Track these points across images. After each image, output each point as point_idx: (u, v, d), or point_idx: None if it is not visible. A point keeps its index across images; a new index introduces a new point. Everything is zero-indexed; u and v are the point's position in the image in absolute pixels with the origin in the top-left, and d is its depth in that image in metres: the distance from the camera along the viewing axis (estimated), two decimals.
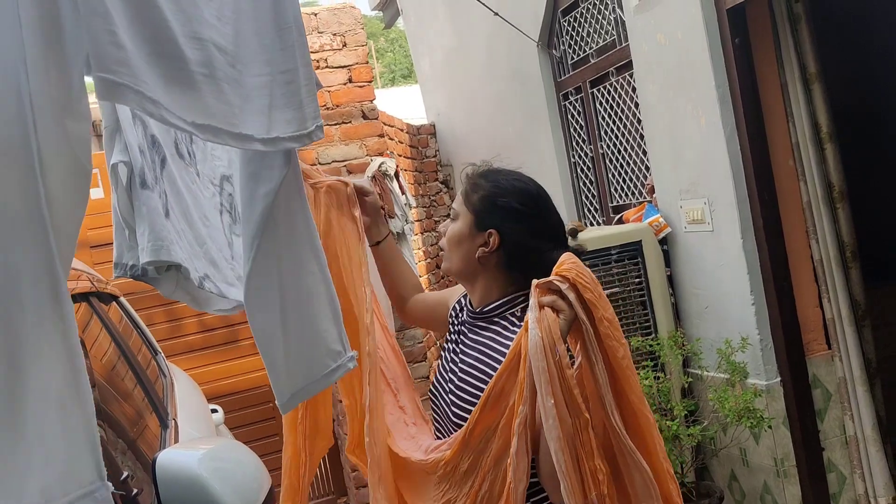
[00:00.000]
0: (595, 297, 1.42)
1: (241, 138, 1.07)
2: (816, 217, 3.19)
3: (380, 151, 4.64)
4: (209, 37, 1.04)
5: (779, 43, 3.16)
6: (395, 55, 31.71)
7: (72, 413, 0.82)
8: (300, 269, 1.29)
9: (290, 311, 1.27)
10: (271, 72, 1.14)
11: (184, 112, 0.97)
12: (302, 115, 1.18)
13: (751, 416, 2.99)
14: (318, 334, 1.33)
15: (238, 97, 1.08)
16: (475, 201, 1.66)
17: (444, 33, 6.42)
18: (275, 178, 1.20)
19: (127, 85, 0.90)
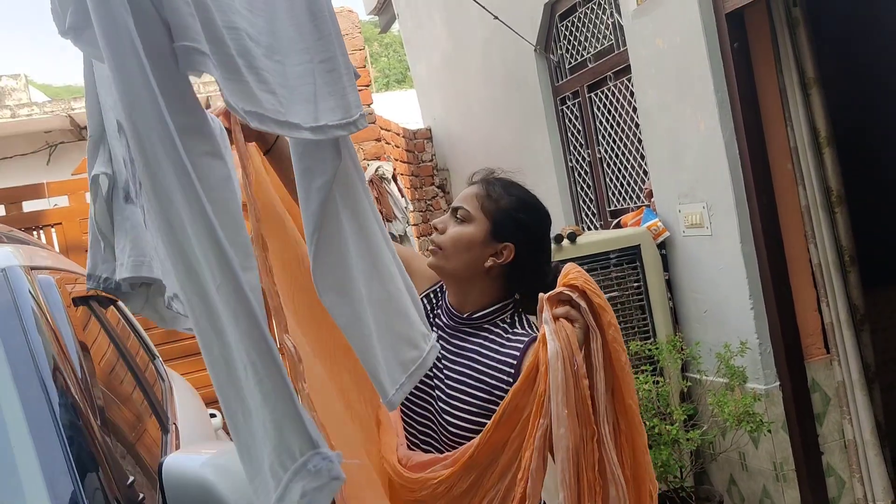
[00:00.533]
0: (604, 303, 1.44)
1: (289, 126, 1.06)
2: (815, 221, 3.20)
3: (377, 155, 4.64)
4: (242, 27, 1.03)
5: (777, 47, 3.17)
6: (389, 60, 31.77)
7: (273, 395, 0.85)
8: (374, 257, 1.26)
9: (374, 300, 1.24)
10: (311, 60, 1.13)
11: (235, 98, 0.96)
12: (346, 103, 1.16)
13: (750, 421, 2.99)
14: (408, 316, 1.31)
15: (281, 86, 1.07)
16: (495, 211, 1.62)
17: (441, 38, 6.43)
18: (327, 170, 1.18)
19: (208, 55, 0.90)
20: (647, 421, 3.13)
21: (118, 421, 1.73)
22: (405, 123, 6.74)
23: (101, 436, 1.39)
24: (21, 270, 1.54)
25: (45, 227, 4.06)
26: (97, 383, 1.68)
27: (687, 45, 3.22)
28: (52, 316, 1.55)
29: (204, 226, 0.84)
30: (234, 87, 0.96)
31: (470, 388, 1.59)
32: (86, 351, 1.71)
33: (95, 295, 2.27)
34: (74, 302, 1.92)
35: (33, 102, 9.11)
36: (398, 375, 1.27)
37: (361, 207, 1.25)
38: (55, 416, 1.26)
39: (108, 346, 2.13)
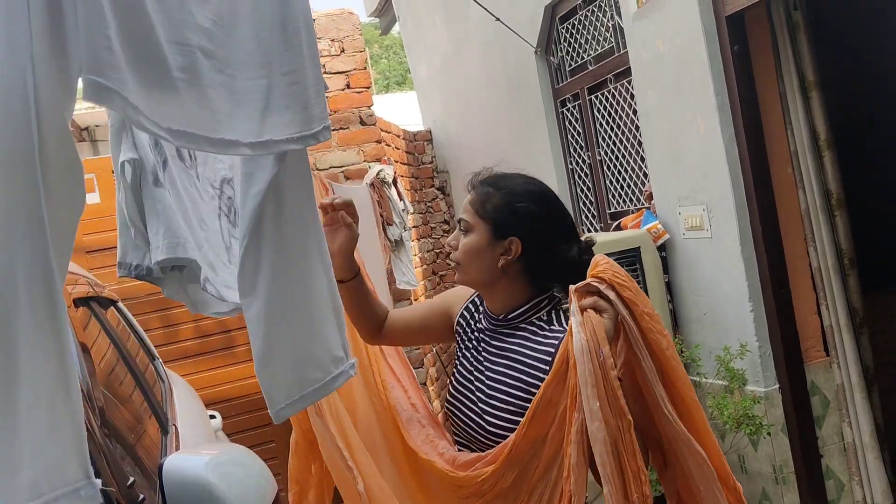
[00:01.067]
0: (633, 294, 1.42)
1: (223, 144, 1.06)
2: (815, 224, 3.20)
3: (377, 157, 4.65)
4: (197, 42, 1.03)
5: (777, 51, 3.17)
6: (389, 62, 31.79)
7: (60, 412, 0.83)
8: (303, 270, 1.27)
9: (287, 310, 1.25)
10: (269, 74, 1.13)
11: (161, 118, 0.96)
12: (307, 116, 1.17)
13: (749, 423, 2.99)
14: (322, 338, 1.31)
15: (225, 102, 1.07)
16: (489, 210, 1.63)
17: (441, 40, 6.43)
18: (265, 178, 1.19)
19: (115, 90, 0.90)
20: None
21: (118, 422, 1.73)
22: (405, 125, 6.74)
23: (101, 436, 1.39)
24: None
25: None
26: (97, 384, 1.68)
27: (687, 48, 3.22)
28: None
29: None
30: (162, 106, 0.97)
31: (509, 386, 1.60)
32: (86, 352, 1.71)
33: (96, 296, 2.27)
34: (75, 303, 1.92)
35: None
36: (294, 391, 1.27)
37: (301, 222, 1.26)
38: None
39: (108, 347, 2.13)
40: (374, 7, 8.35)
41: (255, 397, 4.34)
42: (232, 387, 4.32)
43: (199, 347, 4.26)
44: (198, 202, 1.67)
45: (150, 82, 0.95)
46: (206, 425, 2.80)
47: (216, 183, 1.75)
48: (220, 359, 4.32)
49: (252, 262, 1.22)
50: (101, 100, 0.89)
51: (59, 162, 0.87)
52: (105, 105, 0.91)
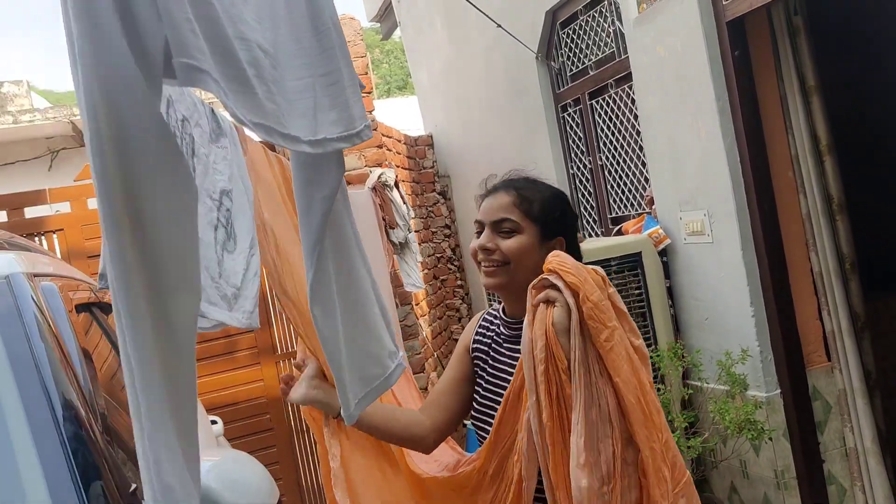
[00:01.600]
0: (577, 281, 1.42)
1: (291, 139, 1.07)
2: (816, 229, 3.20)
3: (378, 162, 4.65)
4: (253, 38, 1.04)
5: (778, 55, 3.18)
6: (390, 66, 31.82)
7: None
8: (352, 271, 1.29)
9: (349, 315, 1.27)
10: (312, 74, 1.14)
11: (244, 110, 0.97)
12: (349, 115, 1.17)
13: (751, 428, 2.99)
14: (377, 335, 1.34)
15: (284, 99, 1.08)
16: (538, 211, 1.67)
17: (442, 45, 6.44)
18: (332, 181, 1.20)
19: (207, 72, 0.90)
20: None
21: (120, 427, 1.73)
22: (406, 130, 6.75)
23: (103, 442, 1.40)
24: (24, 277, 1.55)
25: (46, 234, 4.06)
26: (99, 389, 1.68)
27: (688, 53, 3.23)
28: (55, 322, 1.56)
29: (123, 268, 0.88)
30: (243, 98, 0.97)
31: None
32: (88, 357, 1.71)
33: (97, 301, 2.27)
34: (77, 308, 1.92)
35: (35, 108, 9.13)
36: (359, 390, 1.30)
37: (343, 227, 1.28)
38: (58, 423, 1.26)
39: (109, 353, 2.13)
40: (376, 12, 8.37)
41: (256, 402, 4.35)
42: (233, 392, 4.32)
43: (200, 352, 4.26)
44: None
45: (229, 75, 0.96)
46: (207, 430, 2.80)
47: (215, 194, 1.75)
48: (221, 364, 4.32)
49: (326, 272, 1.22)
50: (195, 81, 0.90)
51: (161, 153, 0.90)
52: (200, 86, 0.91)
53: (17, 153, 9.01)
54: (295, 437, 4.47)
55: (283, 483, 4.30)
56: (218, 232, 1.70)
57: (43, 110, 8.87)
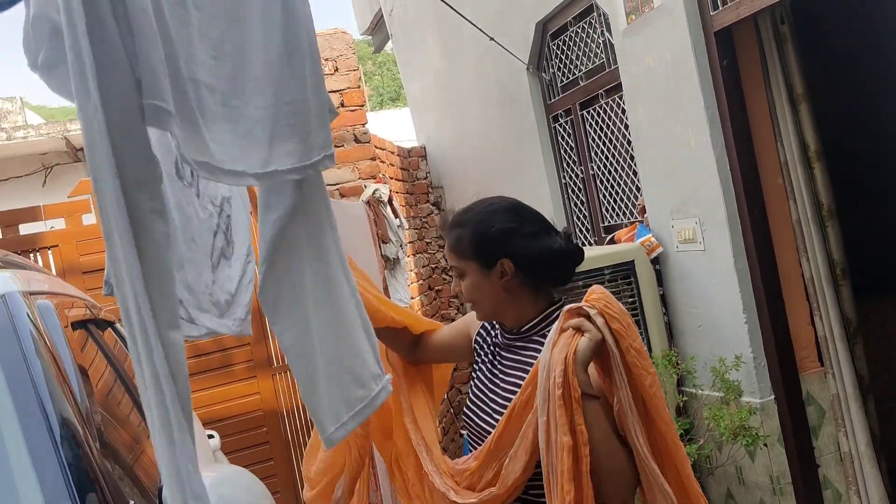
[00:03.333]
0: (623, 328, 1.45)
1: (234, 175, 1.08)
2: (806, 235, 3.22)
3: (372, 175, 4.67)
4: (201, 78, 1.06)
5: (766, 64, 3.21)
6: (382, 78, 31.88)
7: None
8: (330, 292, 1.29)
9: (328, 333, 1.27)
10: (276, 103, 1.15)
11: (191, 149, 0.99)
12: (307, 146, 1.18)
13: (746, 434, 3.00)
14: (361, 356, 1.33)
15: (233, 134, 1.09)
16: (468, 249, 1.70)
17: (434, 57, 6.48)
18: (284, 205, 1.22)
19: (174, 115, 0.92)
20: None
21: (117, 443, 1.74)
22: (399, 141, 6.77)
23: (100, 458, 1.41)
24: (20, 296, 1.56)
25: (41, 250, 4.07)
26: (96, 405, 1.69)
27: (677, 63, 3.26)
28: (51, 340, 1.57)
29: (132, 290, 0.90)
30: (190, 138, 1.00)
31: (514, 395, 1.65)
32: (84, 374, 1.72)
33: (93, 318, 2.28)
34: (73, 325, 1.93)
35: (29, 125, 9.14)
36: (342, 413, 1.29)
37: (323, 243, 1.28)
38: (54, 440, 1.27)
39: (105, 369, 2.14)
40: (367, 25, 8.41)
41: (252, 415, 4.35)
42: (230, 405, 4.32)
43: (197, 366, 4.27)
44: (192, 221, 1.68)
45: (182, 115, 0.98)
46: (205, 445, 2.80)
47: (217, 200, 1.76)
48: (218, 377, 4.32)
49: (274, 289, 1.24)
50: (161, 124, 0.92)
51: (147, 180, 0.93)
52: (165, 128, 0.93)
53: (11, 170, 9.01)
54: (292, 450, 4.47)
55: (280, 496, 4.30)
56: (217, 238, 1.71)
57: (36, 126, 8.88)
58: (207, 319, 1.61)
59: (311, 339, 1.25)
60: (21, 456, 1.23)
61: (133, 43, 0.90)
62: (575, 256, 1.70)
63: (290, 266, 1.24)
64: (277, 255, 1.23)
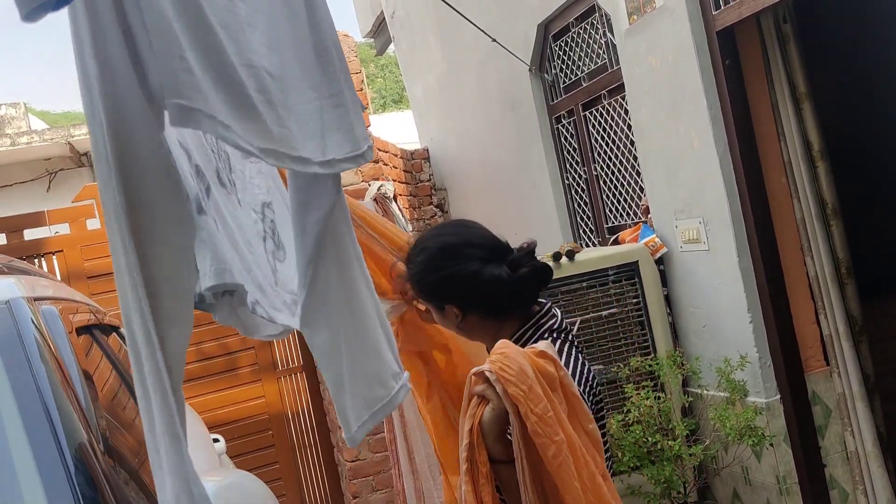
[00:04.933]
0: (522, 392, 1.30)
1: (301, 161, 1.08)
2: (811, 234, 3.22)
3: (375, 177, 4.67)
4: (260, 63, 1.06)
5: (768, 63, 3.20)
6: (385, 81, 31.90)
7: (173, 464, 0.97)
8: (353, 292, 1.30)
9: (351, 335, 1.28)
10: (318, 97, 1.16)
11: (250, 137, 0.98)
12: (354, 137, 1.19)
13: (752, 434, 2.99)
14: (381, 354, 1.34)
15: (293, 122, 1.09)
16: (422, 294, 1.73)
17: (436, 59, 6.48)
18: (325, 205, 1.21)
19: (201, 110, 0.92)
20: (650, 437, 3.14)
21: (122, 448, 1.74)
22: (402, 144, 6.78)
23: (104, 463, 1.41)
24: (24, 302, 1.56)
25: (46, 255, 4.08)
26: (100, 411, 1.69)
27: (679, 63, 3.26)
28: (56, 345, 1.57)
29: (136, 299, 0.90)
30: (250, 126, 0.99)
31: None
32: (89, 379, 1.72)
33: (98, 323, 2.28)
34: (77, 331, 1.93)
35: (33, 130, 9.16)
36: (363, 412, 1.30)
37: (344, 246, 1.29)
38: (59, 445, 1.27)
39: (110, 374, 2.14)
40: (369, 29, 8.42)
41: (258, 419, 4.35)
42: (235, 409, 4.33)
43: (202, 370, 4.27)
44: (243, 226, 1.68)
45: (234, 102, 0.97)
46: (210, 450, 2.81)
47: (257, 207, 1.76)
48: (223, 381, 4.33)
49: (320, 290, 1.24)
50: (188, 122, 0.92)
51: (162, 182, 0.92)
52: (193, 127, 0.93)
53: (16, 175, 9.03)
54: (297, 454, 4.47)
55: (285, 500, 4.30)
56: (267, 242, 1.72)
57: (40, 132, 8.90)
58: (285, 318, 1.61)
59: (339, 340, 1.26)
60: (26, 462, 1.23)
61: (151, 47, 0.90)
62: (525, 282, 1.60)
63: (320, 267, 1.24)
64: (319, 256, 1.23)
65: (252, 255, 1.64)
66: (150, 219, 0.92)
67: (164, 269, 0.93)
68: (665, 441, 3.12)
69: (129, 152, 0.89)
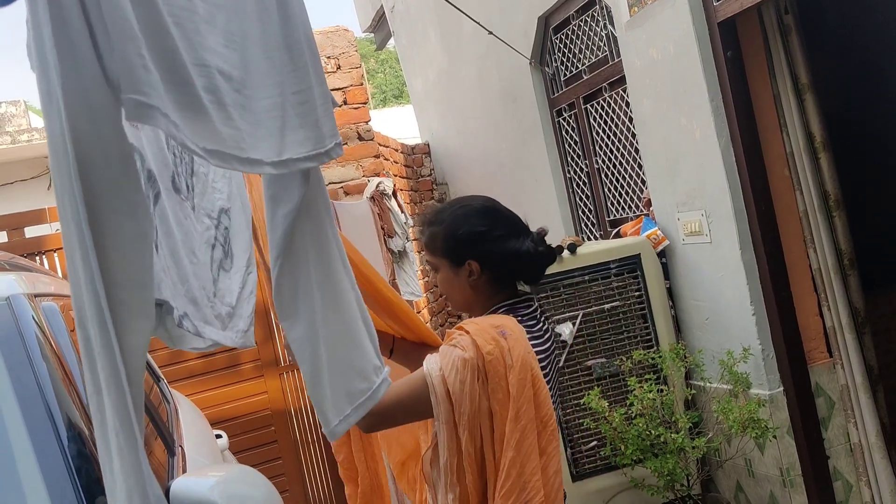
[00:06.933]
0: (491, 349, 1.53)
1: (250, 163, 1.08)
2: (813, 226, 3.21)
3: (376, 172, 4.66)
4: (214, 63, 1.05)
5: (770, 54, 3.19)
6: (385, 76, 31.85)
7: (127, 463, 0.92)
8: (333, 283, 1.29)
9: (332, 327, 1.27)
10: (282, 93, 1.15)
11: (196, 137, 0.98)
12: (318, 134, 1.18)
13: (755, 427, 2.99)
14: (362, 348, 1.34)
15: (246, 122, 1.09)
16: (440, 247, 1.77)
17: (436, 54, 6.47)
18: (293, 198, 1.21)
19: (156, 107, 0.91)
20: (653, 430, 3.13)
21: None
22: (403, 139, 6.77)
23: None
24: (25, 298, 1.56)
25: (47, 253, 4.07)
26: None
27: (680, 55, 3.24)
28: (56, 342, 1.56)
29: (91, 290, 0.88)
30: (196, 126, 0.99)
31: None
32: None
33: None
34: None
35: (33, 128, 9.15)
36: (344, 406, 1.30)
37: (324, 237, 1.28)
38: (61, 442, 1.27)
39: None
40: (369, 23, 8.40)
41: (260, 415, 4.35)
42: (237, 405, 4.32)
43: (204, 366, 4.27)
44: (191, 234, 1.67)
45: (183, 103, 0.97)
46: (213, 445, 2.81)
47: (213, 213, 1.75)
48: (225, 377, 4.32)
49: (289, 283, 1.24)
50: (143, 118, 0.91)
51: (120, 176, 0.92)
52: (148, 123, 0.92)
53: (16, 173, 9.03)
54: (300, 449, 4.47)
55: (289, 495, 4.30)
56: (215, 251, 1.71)
57: (41, 130, 8.89)
58: (212, 332, 1.61)
59: (317, 332, 1.26)
60: (27, 458, 1.23)
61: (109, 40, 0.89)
62: (543, 258, 1.74)
63: (298, 260, 1.24)
64: (289, 249, 1.23)
65: (193, 265, 1.63)
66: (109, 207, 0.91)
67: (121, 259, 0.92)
68: (668, 434, 3.12)
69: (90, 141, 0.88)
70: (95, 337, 0.89)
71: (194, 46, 1.02)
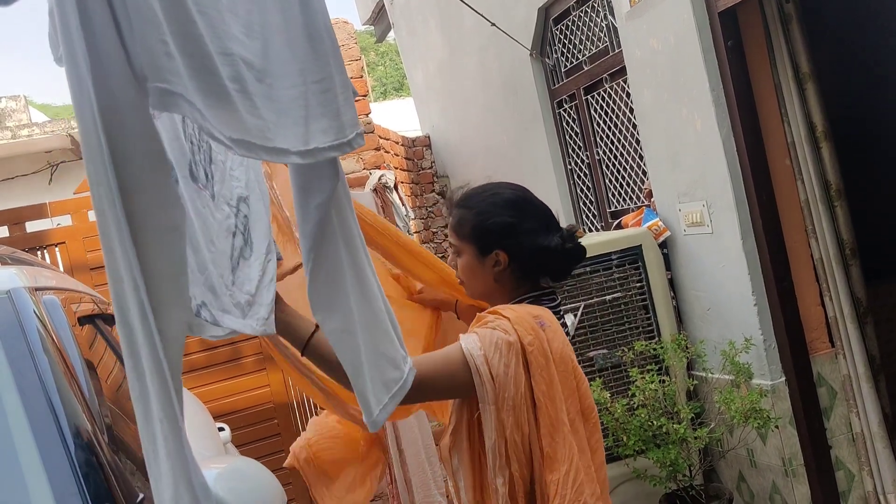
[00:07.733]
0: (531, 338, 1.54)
1: (276, 152, 1.07)
2: (815, 216, 3.20)
3: (376, 165, 4.66)
4: (237, 52, 1.04)
5: (771, 44, 3.18)
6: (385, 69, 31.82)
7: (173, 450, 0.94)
8: (361, 274, 1.29)
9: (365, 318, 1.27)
10: (305, 82, 1.14)
11: (222, 126, 0.97)
12: (340, 124, 1.18)
13: (757, 417, 2.99)
14: (390, 337, 1.34)
15: (271, 111, 1.08)
16: (468, 232, 1.72)
17: (437, 46, 6.45)
18: (325, 189, 1.20)
19: (181, 94, 0.91)
20: (655, 420, 3.14)
21: (126, 438, 1.74)
22: (404, 131, 6.76)
23: (109, 453, 1.41)
24: (26, 292, 1.56)
25: (48, 247, 4.07)
26: (104, 401, 1.69)
27: (681, 45, 3.23)
28: (58, 336, 1.56)
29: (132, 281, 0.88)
30: (221, 114, 0.98)
31: None
32: (92, 369, 1.72)
33: (101, 313, 2.28)
34: (80, 321, 1.93)
35: (33, 123, 9.15)
36: (382, 395, 1.30)
37: (349, 228, 1.28)
38: (63, 436, 1.27)
39: (114, 364, 2.14)
40: (369, 15, 8.38)
41: (263, 408, 4.36)
42: (240, 398, 4.33)
43: (207, 360, 4.28)
44: (209, 223, 1.67)
45: (208, 91, 0.96)
46: (215, 438, 2.81)
47: (232, 201, 1.75)
48: (228, 370, 4.33)
49: (324, 275, 1.23)
50: (168, 106, 0.91)
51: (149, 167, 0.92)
52: (173, 111, 0.92)
53: (17, 168, 9.03)
54: None
55: (291, 488, 4.31)
56: (235, 239, 1.70)
57: (41, 124, 8.89)
58: (230, 321, 1.61)
59: (354, 323, 1.26)
60: (30, 452, 1.23)
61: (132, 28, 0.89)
62: (572, 256, 1.72)
63: (329, 251, 1.24)
64: (322, 241, 1.22)
65: (212, 253, 1.63)
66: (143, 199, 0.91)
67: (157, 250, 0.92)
68: (670, 424, 3.12)
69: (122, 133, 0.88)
70: (137, 328, 0.89)
71: (219, 35, 1.01)
